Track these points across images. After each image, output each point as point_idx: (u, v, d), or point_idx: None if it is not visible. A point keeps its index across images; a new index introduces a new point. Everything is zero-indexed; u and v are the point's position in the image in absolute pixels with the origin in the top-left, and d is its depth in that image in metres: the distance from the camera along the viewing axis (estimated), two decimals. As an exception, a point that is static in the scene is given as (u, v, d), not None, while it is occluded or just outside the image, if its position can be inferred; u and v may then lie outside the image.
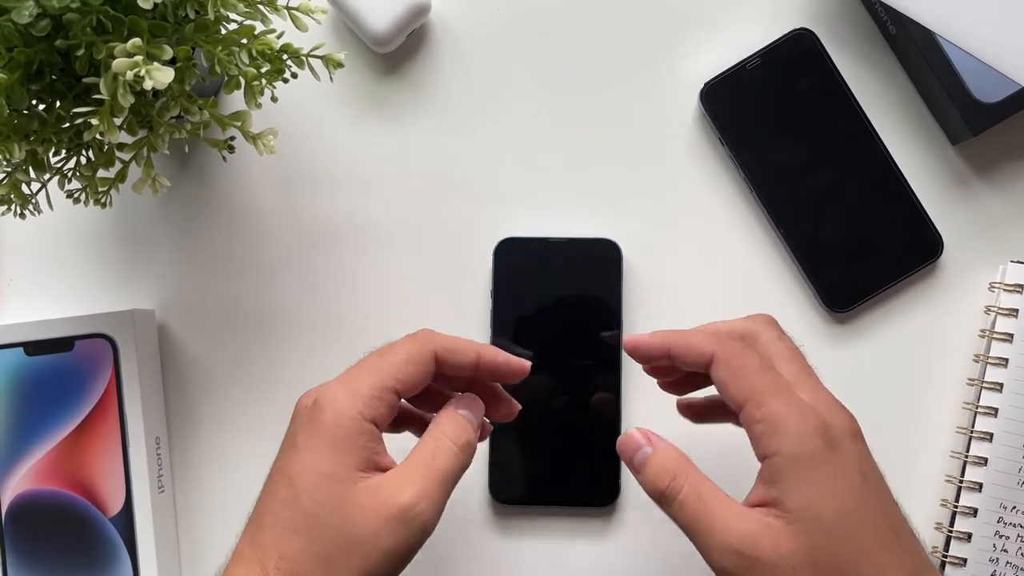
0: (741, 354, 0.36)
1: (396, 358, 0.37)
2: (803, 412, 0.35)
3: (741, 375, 0.36)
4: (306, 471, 0.35)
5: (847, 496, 0.34)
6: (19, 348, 0.47)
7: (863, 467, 0.35)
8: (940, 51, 0.47)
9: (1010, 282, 0.48)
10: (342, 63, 0.41)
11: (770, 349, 0.38)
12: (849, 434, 0.35)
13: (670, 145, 0.50)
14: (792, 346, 0.38)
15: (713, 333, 0.38)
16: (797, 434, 0.34)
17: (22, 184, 0.39)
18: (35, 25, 0.33)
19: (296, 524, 0.35)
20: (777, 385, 0.35)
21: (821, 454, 0.34)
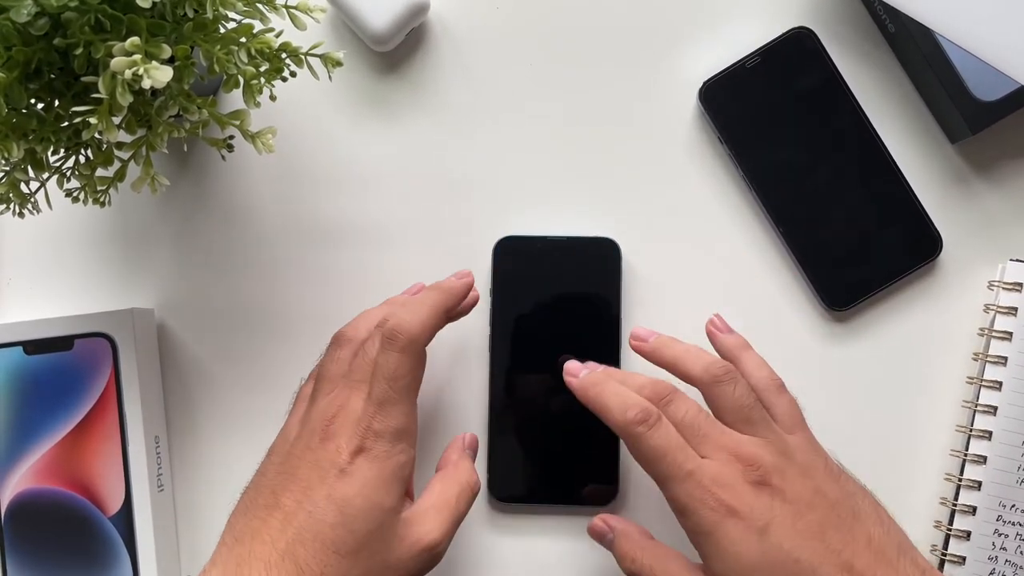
0: (641, 441, 0.39)
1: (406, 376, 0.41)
2: (699, 491, 0.38)
3: (645, 461, 0.39)
4: (359, 500, 0.38)
5: (746, 557, 0.37)
6: (18, 347, 0.47)
7: (767, 520, 0.37)
8: (939, 49, 0.47)
9: (1009, 280, 0.48)
10: (341, 62, 0.41)
11: (678, 415, 0.40)
12: (750, 490, 0.38)
13: (669, 144, 0.50)
14: (687, 410, 0.41)
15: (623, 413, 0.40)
16: (695, 514, 0.38)
17: (21, 183, 0.39)
18: (33, 24, 0.33)
19: (344, 548, 0.37)
20: (677, 469, 0.38)
21: (718, 526, 0.37)
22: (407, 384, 0.40)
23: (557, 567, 0.49)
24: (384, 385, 0.40)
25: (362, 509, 0.37)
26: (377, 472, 0.38)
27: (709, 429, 0.40)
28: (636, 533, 0.42)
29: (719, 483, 0.38)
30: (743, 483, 0.38)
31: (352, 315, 0.50)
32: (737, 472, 0.38)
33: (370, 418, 0.39)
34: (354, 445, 0.38)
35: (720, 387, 0.41)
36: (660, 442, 0.39)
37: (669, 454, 0.38)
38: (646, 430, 0.39)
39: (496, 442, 0.49)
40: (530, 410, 0.49)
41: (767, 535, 0.37)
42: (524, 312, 0.49)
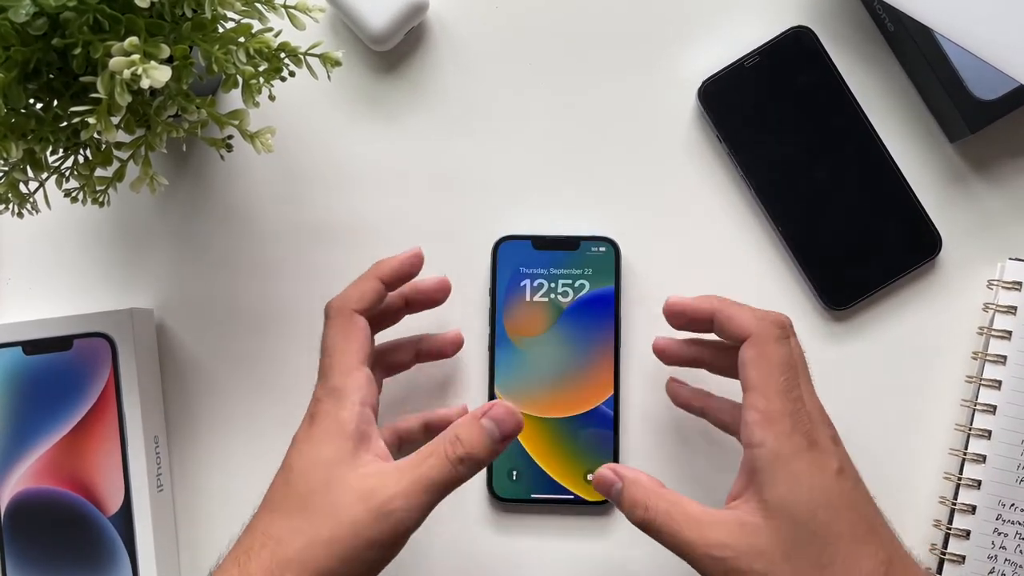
0: (776, 344, 0.39)
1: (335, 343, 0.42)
2: (797, 415, 0.37)
3: (767, 362, 0.38)
4: (299, 457, 0.38)
5: (823, 490, 0.36)
6: (17, 347, 0.47)
7: (842, 464, 0.37)
8: (938, 48, 0.47)
9: (1008, 279, 0.48)
10: (340, 61, 0.41)
11: (795, 348, 0.40)
12: (831, 437, 0.38)
13: (668, 143, 0.50)
14: (802, 350, 0.41)
15: (757, 315, 0.40)
16: (785, 432, 0.37)
17: (20, 183, 0.39)
18: (32, 24, 0.33)
19: (287, 505, 0.37)
20: (790, 384, 0.38)
21: (802, 451, 0.37)
22: (342, 348, 0.41)
23: (556, 565, 0.49)
24: (321, 355, 0.42)
25: (302, 466, 0.38)
26: (319, 431, 0.39)
27: (809, 377, 0.40)
28: (648, 480, 0.39)
29: (814, 417, 0.38)
30: (826, 431, 0.38)
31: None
32: (823, 421, 0.39)
33: (315, 389, 0.41)
34: (307, 416, 0.40)
35: (786, 342, 0.39)
36: (791, 354, 0.39)
37: (795, 367, 0.38)
38: (784, 335, 0.39)
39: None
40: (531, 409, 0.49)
41: (843, 478, 0.37)
42: (524, 311, 0.49)
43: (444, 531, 0.49)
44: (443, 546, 0.49)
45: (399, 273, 0.44)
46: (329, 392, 0.40)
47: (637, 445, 0.49)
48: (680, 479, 0.49)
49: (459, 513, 0.49)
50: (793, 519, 0.36)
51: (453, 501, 0.49)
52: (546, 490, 0.49)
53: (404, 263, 0.44)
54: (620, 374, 0.49)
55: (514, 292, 0.49)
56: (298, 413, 0.42)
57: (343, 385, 0.40)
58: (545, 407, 0.49)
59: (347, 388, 0.40)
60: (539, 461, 0.48)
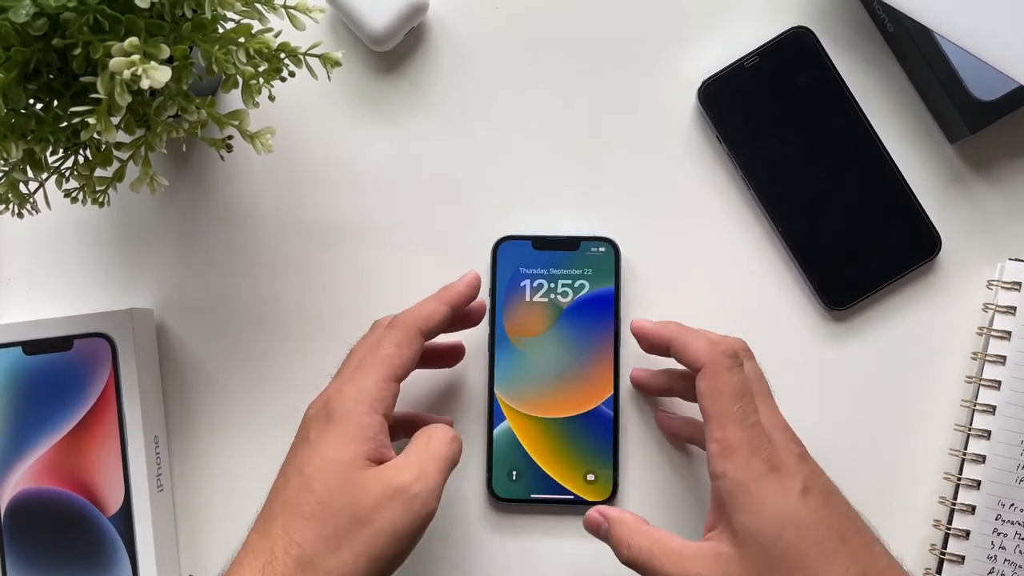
0: (728, 373, 0.39)
1: (389, 348, 0.41)
2: (754, 441, 0.38)
3: (719, 393, 0.39)
4: (316, 459, 0.38)
5: (787, 512, 0.37)
6: (17, 347, 0.47)
7: (807, 483, 0.38)
8: (938, 49, 0.47)
9: (1008, 280, 0.48)
10: (340, 62, 0.41)
11: (751, 372, 0.41)
12: (796, 455, 0.39)
13: (668, 143, 0.50)
14: (760, 372, 0.42)
15: (711, 342, 0.41)
16: (744, 460, 0.37)
17: (20, 183, 0.39)
18: (32, 24, 0.33)
19: (307, 510, 0.37)
20: (745, 412, 0.38)
21: (763, 476, 0.37)
22: (387, 355, 0.40)
23: (557, 567, 0.49)
24: (364, 355, 0.41)
25: (318, 468, 0.38)
26: (335, 433, 0.38)
27: (769, 395, 0.41)
28: (632, 519, 0.41)
29: (774, 441, 0.38)
30: (790, 450, 0.39)
31: (351, 314, 0.50)
32: (788, 437, 0.39)
33: (338, 388, 0.40)
34: (322, 415, 0.39)
35: (739, 370, 0.40)
36: (743, 382, 0.39)
37: (748, 395, 0.39)
38: (734, 364, 0.39)
39: (495, 441, 0.48)
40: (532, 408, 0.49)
41: (808, 497, 0.37)
42: (526, 312, 0.49)
43: (444, 531, 0.49)
44: (443, 546, 0.49)
45: (466, 297, 0.44)
46: (360, 393, 0.39)
47: (637, 445, 0.49)
48: (679, 477, 0.49)
49: (459, 513, 0.49)
50: (760, 545, 0.36)
51: (453, 500, 0.49)
52: (546, 490, 0.49)
53: (468, 287, 0.45)
54: (620, 374, 0.49)
55: (514, 292, 0.49)
56: (298, 412, 0.42)
57: (377, 395, 0.40)
58: (545, 407, 0.49)
59: (379, 398, 0.40)
60: (539, 461, 0.49)
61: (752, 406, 0.39)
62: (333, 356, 0.50)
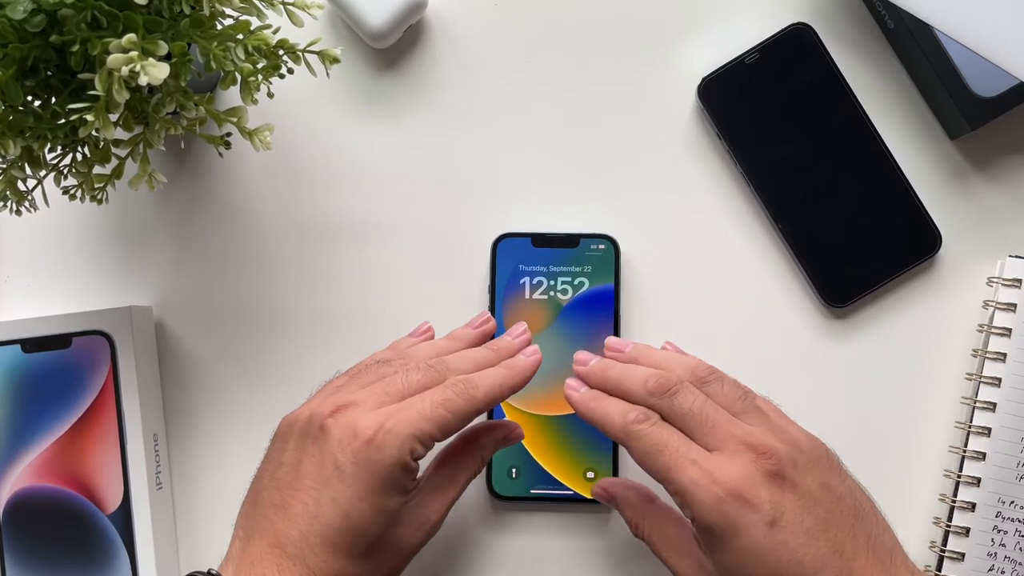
0: (641, 437, 0.38)
1: (447, 411, 0.39)
2: (707, 480, 0.36)
3: (646, 457, 0.38)
4: (364, 504, 0.37)
5: (752, 553, 0.36)
6: (16, 345, 0.47)
7: (774, 513, 0.36)
8: (938, 45, 0.47)
9: (1008, 277, 0.48)
10: (338, 58, 0.40)
11: (675, 416, 0.39)
12: (763, 481, 0.36)
13: (668, 140, 0.50)
14: (693, 402, 0.39)
15: (621, 415, 0.39)
16: (702, 504, 0.36)
17: (18, 181, 0.39)
18: (30, 21, 0.33)
19: (354, 551, 0.38)
20: (683, 458, 0.37)
21: (726, 518, 0.36)
22: (442, 417, 0.39)
23: (557, 565, 0.49)
24: (417, 389, 0.40)
25: (366, 513, 0.37)
26: (381, 480, 0.37)
27: (717, 417, 0.38)
28: (635, 498, 0.41)
29: (726, 471, 0.36)
30: (755, 473, 0.36)
31: (349, 311, 0.50)
32: (748, 461, 0.37)
33: (383, 420, 0.38)
34: (361, 446, 0.37)
35: (709, 387, 0.40)
36: (662, 435, 0.38)
37: (671, 444, 0.37)
38: (648, 427, 0.38)
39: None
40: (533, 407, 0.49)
41: (776, 531, 0.35)
42: (524, 309, 0.49)
43: (444, 529, 0.49)
44: (443, 544, 0.49)
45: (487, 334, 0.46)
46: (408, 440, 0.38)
47: (637, 443, 0.49)
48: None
49: (459, 511, 0.49)
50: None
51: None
52: (546, 488, 0.49)
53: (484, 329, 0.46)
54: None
55: (513, 290, 0.49)
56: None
57: (421, 448, 0.38)
58: (545, 405, 0.48)
59: (420, 452, 0.39)
60: (539, 459, 0.48)
61: (682, 447, 0.37)
62: (332, 353, 0.50)
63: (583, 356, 0.43)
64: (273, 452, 0.41)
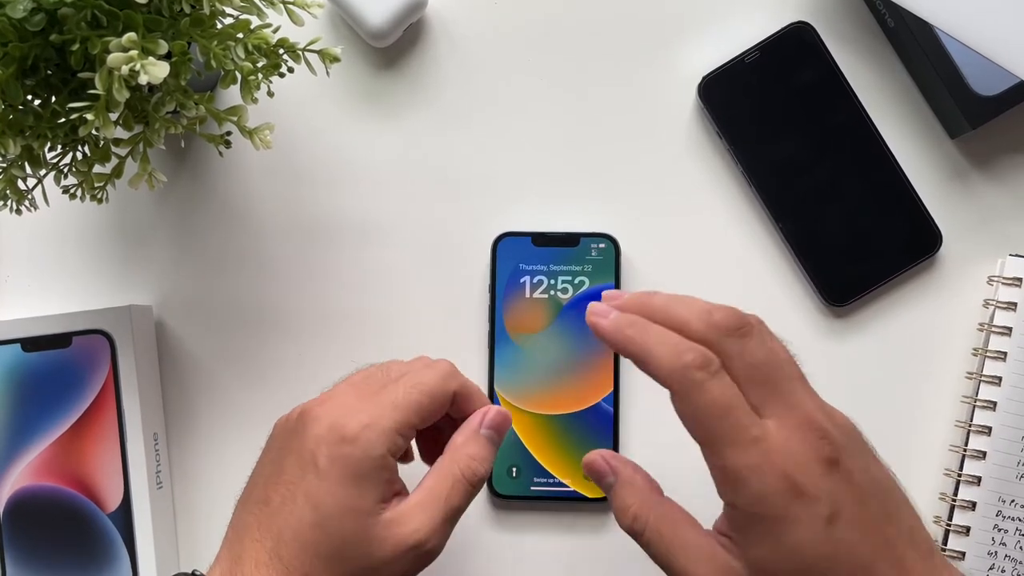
0: (700, 391, 0.33)
1: (420, 395, 0.38)
2: (765, 466, 0.32)
3: (700, 418, 0.33)
4: (331, 501, 0.36)
5: (807, 548, 0.32)
6: (16, 344, 0.47)
7: (834, 506, 0.32)
8: (938, 44, 0.47)
9: (1009, 275, 0.48)
10: (338, 57, 0.40)
11: (740, 368, 0.34)
12: (822, 468, 0.32)
13: (668, 139, 0.50)
14: (768, 351, 0.34)
15: (675, 351, 0.33)
16: (756, 493, 0.32)
17: (18, 180, 0.39)
18: (30, 20, 0.33)
19: (323, 551, 0.36)
20: (739, 434, 0.32)
21: (783, 510, 0.32)
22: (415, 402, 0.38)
23: (556, 561, 0.49)
24: (389, 383, 0.38)
25: (334, 510, 0.36)
26: (351, 472, 0.36)
27: (780, 380, 0.33)
28: (643, 483, 0.36)
29: (789, 456, 0.32)
30: (814, 459, 0.32)
31: (349, 310, 0.50)
32: (809, 444, 0.32)
33: (354, 413, 0.37)
34: (334, 440, 0.37)
35: (742, 342, 0.33)
36: (723, 395, 0.32)
37: (733, 412, 0.32)
38: (707, 377, 0.32)
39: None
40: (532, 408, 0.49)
41: (834, 526, 0.32)
42: (525, 309, 0.49)
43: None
44: (443, 543, 0.49)
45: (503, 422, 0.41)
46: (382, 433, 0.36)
47: (637, 442, 0.49)
48: (680, 474, 0.49)
49: (459, 510, 0.49)
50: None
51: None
52: (546, 487, 0.49)
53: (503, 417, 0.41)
54: (620, 371, 0.49)
55: (514, 289, 0.49)
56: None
57: (398, 440, 0.37)
58: (545, 404, 0.48)
59: (398, 444, 0.37)
60: (539, 458, 0.48)
61: (743, 426, 0.32)
62: (332, 352, 0.50)
63: (612, 292, 0.37)
64: (263, 452, 0.41)
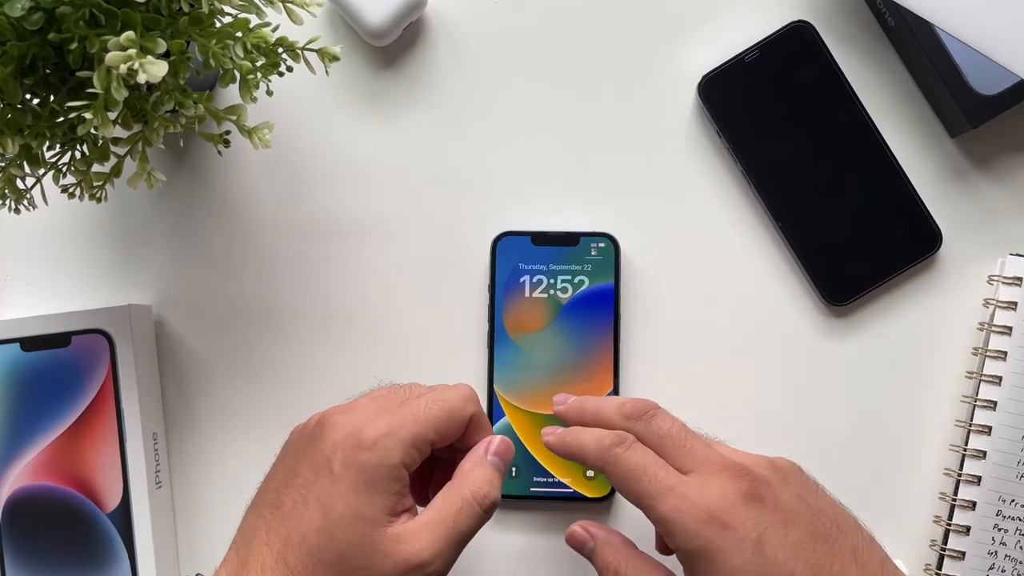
0: (619, 461, 0.38)
1: (440, 412, 0.39)
2: (687, 506, 0.36)
3: (625, 482, 0.38)
4: (341, 506, 0.36)
5: (744, 572, 0.35)
6: (15, 344, 0.47)
7: (759, 530, 0.36)
8: (939, 43, 0.47)
9: (1009, 275, 0.48)
10: (338, 56, 0.40)
11: (651, 439, 0.39)
12: (741, 501, 0.36)
13: (668, 138, 0.50)
14: (671, 425, 0.40)
15: (597, 441, 0.39)
16: (685, 531, 0.36)
17: (16, 179, 0.39)
18: (28, 19, 0.33)
19: (327, 557, 0.36)
20: (661, 485, 0.37)
21: (711, 542, 0.36)
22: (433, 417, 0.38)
23: (556, 564, 0.49)
24: (412, 397, 0.39)
25: (342, 516, 0.36)
26: (363, 478, 0.36)
27: (694, 442, 0.39)
28: (619, 542, 0.40)
29: (706, 495, 0.36)
30: (733, 494, 0.37)
31: (349, 310, 0.50)
32: (726, 482, 0.37)
33: (372, 421, 0.38)
34: (351, 447, 0.37)
35: (648, 422, 0.40)
36: (639, 459, 0.38)
37: (649, 469, 0.38)
38: (623, 451, 0.38)
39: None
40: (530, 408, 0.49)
41: (762, 548, 0.35)
42: (524, 308, 0.49)
43: (443, 527, 0.49)
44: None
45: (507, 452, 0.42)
46: (399, 443, 0.37)
47: (637, 441, 0.49)
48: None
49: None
50: None
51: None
52: (546, 487, 0.48)
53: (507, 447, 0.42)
54: (620, 370, 0.49)
55: (513, 288, 0.49)
56: (297, 409, 0.42)
57: (413, 452, 0.37)
58: (545, 404, 0.48)
59: (412, 457, 0.38)
60: (539, 457, 0.48)
61: (661, 473, 0.37)
62: (332, 351, 0.50)
63: (560, 397, 0.44)
64: (278, 457, 0.41)
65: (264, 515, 0.38)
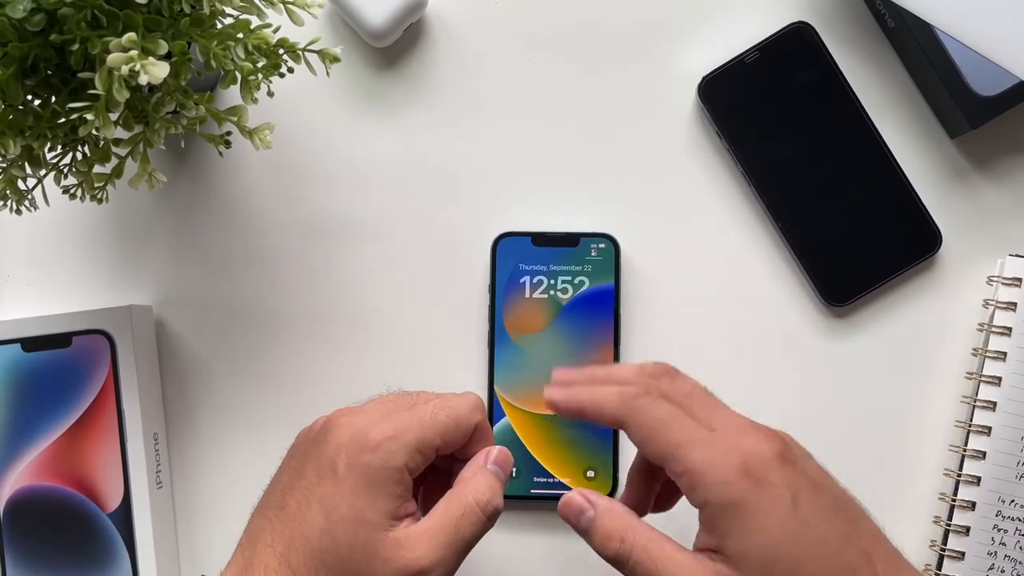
0: (647, 411, 0.36)
1: (447, 418, 0.38)
2: (722, 457, 0.34)
3: (653, 434, 0.35)
4: (343, 507, 0.36)
5: (780, 530, 0.33)
6: (16, 344, 0.47)
7: (795, 491, 0.34)
8: (938, 44, 0.47)
9: (1008, 275, 0.48)
10: (338, 57, 0.40)
11: (676, 396, 0.37)
12: (774, 459, 0.34)
13: (668, 139, 0.50)
14: (694, 384, 0.38)
15: (619, 392, 0.37)
16: (719, 482, 0.34)
17: (18, 180, 0.39)
18: (30, 20, 0.33)
19: (328, 559, 0.36)
20: (692, 435, 0.35)
21: (747, 495, 0.33)
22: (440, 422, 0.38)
23: (556, 564, 0.49)
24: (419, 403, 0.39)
25: (345, 517, 0.36)
26: (366, 481, 0.36)
27: (714, 402, 0.37)
28: (623, 510, 0.37)
29: (742, 450, 0.34)
30: (767, 452, 0.34)
31: (349, 310, 0.50)
32: (758, 441, 0.35)
33: (379, 423, 0.37)
34: (354, 448, 0.37)
35: (673, 380, 0.37)
36: (669, 410, 0.35)
37: (680, 419, 0.35)
38: (650, 401, 0.36)
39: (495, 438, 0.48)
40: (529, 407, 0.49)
41: (797, 507, 0.33)
42: (524, 308, 0.49)
43: (444, 528, 0.49)
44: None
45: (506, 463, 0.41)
46: (403, 447, 0.37)
47: (637, 442, 0.49)
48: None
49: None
50: (761, 568, 0.33)
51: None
52: (546, 487, 0.49)
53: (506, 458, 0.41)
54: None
55: (513, 289, 0.49)
56: (297, 409, 0.42)
57: (418, 457, 0.37)
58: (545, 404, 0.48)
59: (417, 462, 0.37)
60: (539, 458, 0.48)
61: (695, 428, 0.35)
62: (332, 352, 0.50)
63: (561, 372, 0.41)
64: (284, 460, 0.41)
65: (269, 517, 0.38)
